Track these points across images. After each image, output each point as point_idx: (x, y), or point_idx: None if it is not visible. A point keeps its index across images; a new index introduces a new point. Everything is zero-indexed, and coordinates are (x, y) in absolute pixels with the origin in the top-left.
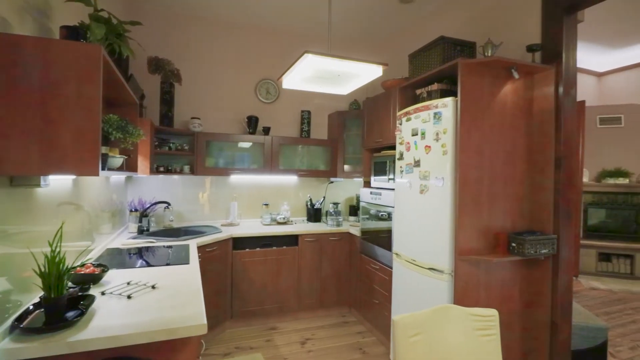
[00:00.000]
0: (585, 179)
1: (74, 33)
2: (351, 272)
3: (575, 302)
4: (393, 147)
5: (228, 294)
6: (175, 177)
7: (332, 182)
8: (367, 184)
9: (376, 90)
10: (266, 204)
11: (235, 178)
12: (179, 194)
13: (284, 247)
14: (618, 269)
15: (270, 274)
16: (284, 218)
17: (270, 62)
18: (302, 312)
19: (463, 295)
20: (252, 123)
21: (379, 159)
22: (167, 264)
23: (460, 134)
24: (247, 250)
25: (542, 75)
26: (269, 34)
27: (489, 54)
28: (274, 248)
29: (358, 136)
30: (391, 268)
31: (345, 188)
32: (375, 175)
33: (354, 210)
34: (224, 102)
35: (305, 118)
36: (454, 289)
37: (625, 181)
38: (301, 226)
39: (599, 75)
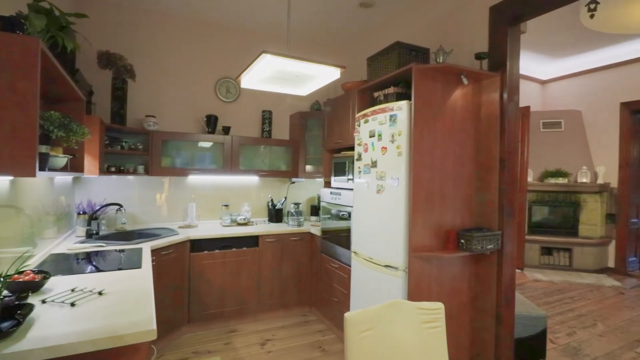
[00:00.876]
0: (529, 179)
1: (9, 24)
2: (312, 271)
3: (520, 293)
4: (352, 148)
5: (185, 298)
6: (130, 177)
7: (293, 183)
8: (327, 184)
9: (338, 91)
10: (226, 205)
11: (193, 179)
12: (134, 196)
13: (244, 248)
14: (558, 261)
15: (230, 276)
16: (244, 219)
17: (231, 60)
18: (262, 313)
19: (416, 290)
20: (211, 122)
21: (339, 159)
22: (119, 269)
23: (414, 136)
24: (206, 252)
25: (489, 82)
26: (230, 32)
27: (441, 60)
28: (234, 249)
29: (319, 137)
30: (350, 266)
31: (307, 188)
32: (335, 175)
33: (315, 210)
34: (181, 100)
35: (267, 118)
36: (408, 284)
37: (565, 181)
38: (262, 227)
39: (543, 82)
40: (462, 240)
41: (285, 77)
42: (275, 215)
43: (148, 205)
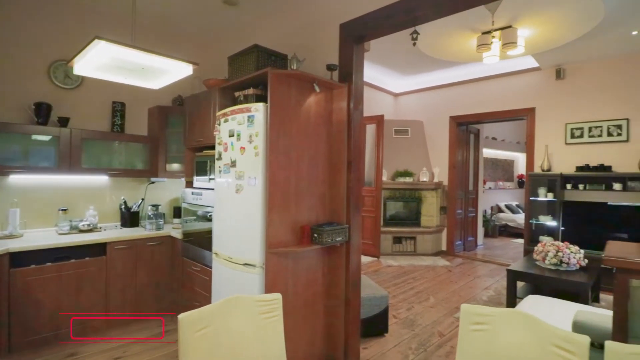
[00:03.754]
0: (384, 178)
1: None
2: (173, 277)
3: (374, 277)
4: (214, 147)
5: (3, 324)
6: None
7: (152, 183)
8: (189, 184)
9: (203, 87)
10: (64, 210)
11: (17, 179)
12: None
13: (87, 258)
14: (406, 248)
15: (68, 292)
16: (89, 225)
17: (71, 40)
18: (112, 330)
19: (273, 285)
20: (42, 111)
21: (201, 158)
22: None
23: (270, 137)
24: (34, 266)
25: (339, 92)
26: (70, 6)
27: (294, 68)
28: (73, 261)
29: (182, 133)
30: (211, 268)
31: (170, 189)
32: (197, 175)
33: (179, 212)
34: None
35: (118, 110)
36: (265, 280)
37: (411, 180)
38: (112, 233)
39: (396, 95)
40: (315, 235)
41: (130, 67)
42: (130, 219)
43: None
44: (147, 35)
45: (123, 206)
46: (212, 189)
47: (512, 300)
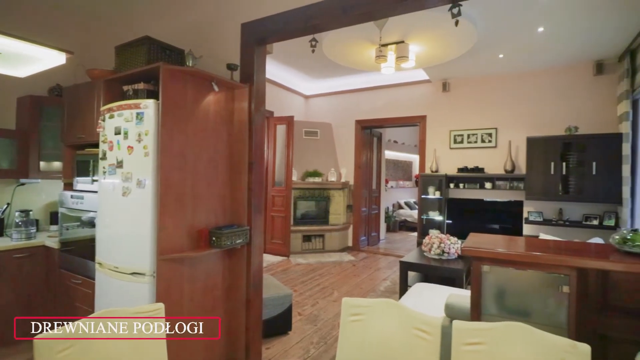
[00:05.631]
0: (294, 178)
1: None
2: (48, 293)
3: (278, 277)
4: (98, 145)
5: None
6: None
7: (22, 185)
8: (69, 186)
9: (87, 77)
10: None
11: None
12: None
13: None
14: (315, 246)
15: None
16: None
17: None
18: None
19: (166, 294)
20: None
21: (83, 157)
22: None
23: (162, 136)
24: None
25: (240, 92)
26: None
27: (190, 65)
28: None
29: (59, 128)
30: (95, 280)
31: (47, 191)
32: (78, 176)
33: (58, 218)
34: None
35: None
36: (157, 289)
37: (320, 179)
38: None
39: (306, 97)
40: (214, 238)
41: None
42: None
43: None
44: (26, 18)
45: None
46: (96, 192)
47: (404, 289)
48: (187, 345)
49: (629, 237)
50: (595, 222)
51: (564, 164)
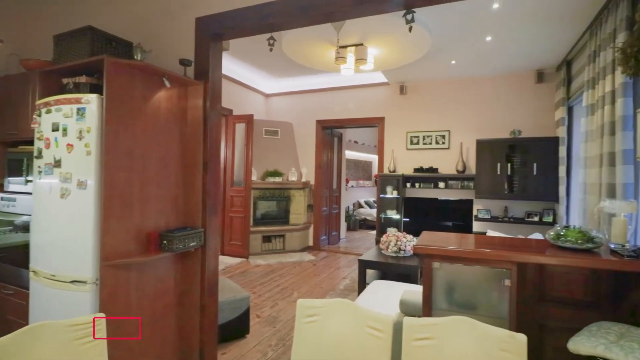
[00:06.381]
0: (254, 178)
1: None
2: None
3: (236, 279)
4: (32, 142)
5: None
6: None
7: None
8: None
9: (22, 68)
10: None
11: None
12: None
13: None
14: (275, 246)
15: None
16: None
17: None
18: None
19: (110, 302)
20: None
21: (15, 155)
22: None
23: (107, 134)
24: None
25: (194, 89)
26: None
27: (139, 58)
28: None
29: None
30: (29, 290)
31: None
32: (10, 175)
33: None
34: None
35: None
36: (100, 297)
37: (280, 179)
38: None
39: (267, 96)
40: (165, 241)
41: None
42: None
43: None
44: None
45: None
46: (30, 194)
47: (362, 287)
48: (135, 356)
49: (561, 233)
50: (536, 219)
51: (509, 165)
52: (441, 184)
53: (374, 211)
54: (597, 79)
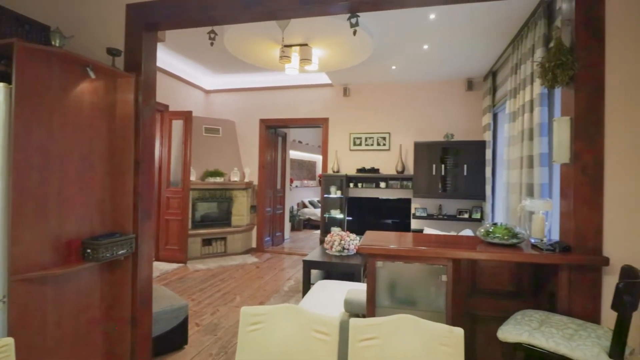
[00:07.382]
0: (192, 178)
1: None
2: None
3: (172, 286)
4: None
5: None
6: None
7: None
8: None
9: None
10: None
11: None
12: None
13: None
14: (216, 249)
15: None
16: None
17: None
18: None
19: (23, 322)
20: None
21: None
22: None
23: (16, 129)
24: None
25: (124, 81)
26: None
27: (57, 44)
28: None
29: None
30: None
31: None
32: None
33: None
34: None
35: None
36: (9, 317)
37: (222, 179)
38: None
39: (207, 92)
40: (89, 250)
41: None
42: None
43: None
44: None
45: None
46: None
47: (307, 288)
48: None
49: (490, 230)
50: (466, 216)
51: (442, 165)
52: (382, 184)
53: (318, 211)
54: (519, 89)
